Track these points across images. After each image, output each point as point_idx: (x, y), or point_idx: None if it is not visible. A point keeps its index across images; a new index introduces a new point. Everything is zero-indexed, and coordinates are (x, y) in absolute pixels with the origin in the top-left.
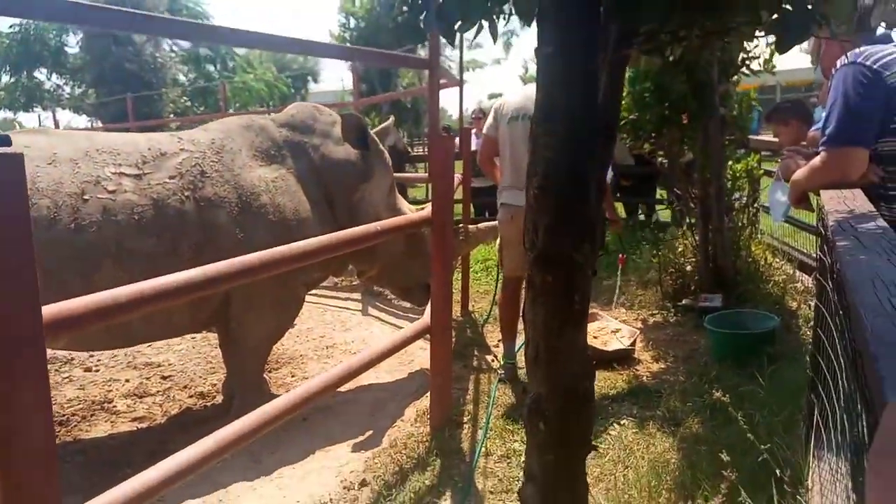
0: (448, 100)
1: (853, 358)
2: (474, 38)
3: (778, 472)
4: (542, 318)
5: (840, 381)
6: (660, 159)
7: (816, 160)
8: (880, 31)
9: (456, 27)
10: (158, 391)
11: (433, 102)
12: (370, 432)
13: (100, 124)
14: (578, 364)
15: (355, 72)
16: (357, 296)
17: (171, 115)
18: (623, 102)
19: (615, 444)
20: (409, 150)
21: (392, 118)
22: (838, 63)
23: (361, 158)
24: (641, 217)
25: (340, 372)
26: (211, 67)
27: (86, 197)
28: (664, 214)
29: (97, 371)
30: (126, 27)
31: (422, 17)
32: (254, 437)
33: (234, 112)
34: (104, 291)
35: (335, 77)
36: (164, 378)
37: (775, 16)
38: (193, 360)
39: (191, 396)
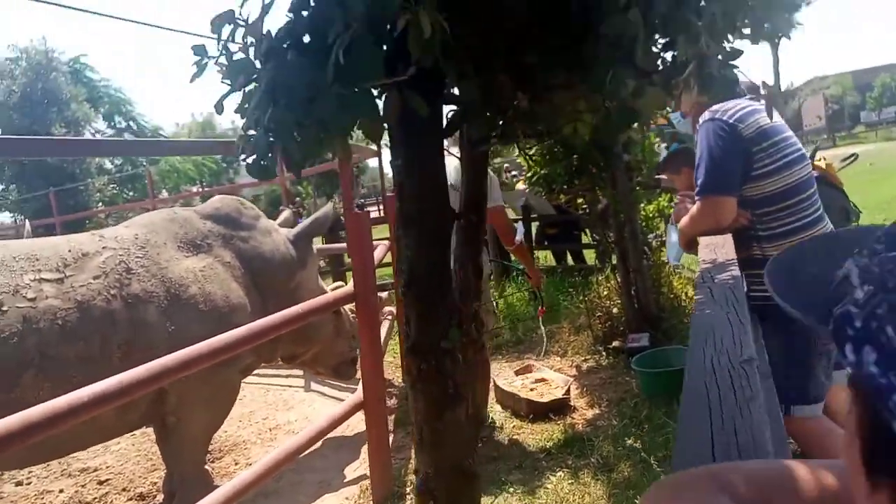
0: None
1: None
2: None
3: None
4: (423, 404)
5: None
6: (580, 206)
7: (694, 209)
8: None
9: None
10: (95, 498)
11: (346, 180)
12: None
13: (23, 220)
14: (461, 443)
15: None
16: (299, 371)
17: (100, 205)
18: (534, 158)
19: (553, 498)
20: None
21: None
22: (700, 119)
23: (294, 247)
24: (570, 262)
25: (279, 456)
26: None
27: (4, 308)
28: (590, 257)
29: (29, 484)
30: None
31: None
32: None
33: (166, 195)
34: (38, 406)
35: None
36: (100, 483)
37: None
38: (132, 459)
39: (130, 500)
